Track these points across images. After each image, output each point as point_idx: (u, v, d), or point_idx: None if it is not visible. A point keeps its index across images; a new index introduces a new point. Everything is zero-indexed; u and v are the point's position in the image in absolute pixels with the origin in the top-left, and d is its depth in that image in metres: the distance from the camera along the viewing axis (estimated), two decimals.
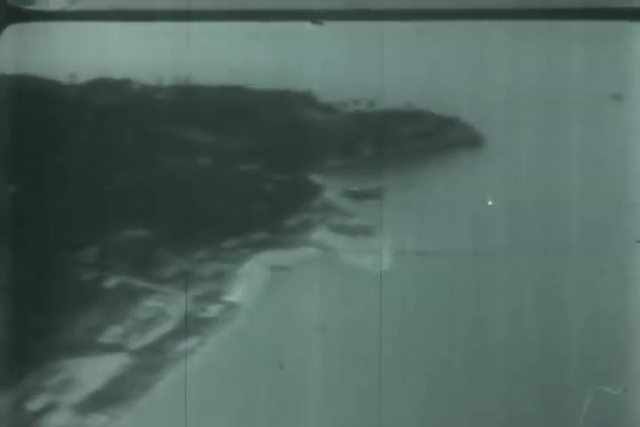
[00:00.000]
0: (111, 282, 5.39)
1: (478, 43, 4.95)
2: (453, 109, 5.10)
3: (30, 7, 4.67)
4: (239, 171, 5.32)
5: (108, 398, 5.36)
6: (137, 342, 5.38)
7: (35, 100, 5.09)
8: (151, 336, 5.34)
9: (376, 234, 5.29)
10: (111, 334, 5.37)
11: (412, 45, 5.04)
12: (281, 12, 5.13)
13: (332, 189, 5.33)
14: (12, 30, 4.88)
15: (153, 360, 5.35)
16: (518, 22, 4.98)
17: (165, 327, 5.37)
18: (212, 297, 5.39)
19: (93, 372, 5.33)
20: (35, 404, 5.31)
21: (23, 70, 5.02)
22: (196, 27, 5.12)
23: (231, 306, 5.40)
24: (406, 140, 5.18)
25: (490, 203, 4.26)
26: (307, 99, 5.26)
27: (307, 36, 5.07)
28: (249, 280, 5.35)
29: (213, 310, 5.42)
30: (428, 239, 5.18)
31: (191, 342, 5.32)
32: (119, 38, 5.07)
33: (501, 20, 4.84)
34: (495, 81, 5.05)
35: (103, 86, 5.18)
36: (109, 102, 5.12)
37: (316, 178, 5.33)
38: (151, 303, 5.45)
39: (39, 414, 5.19)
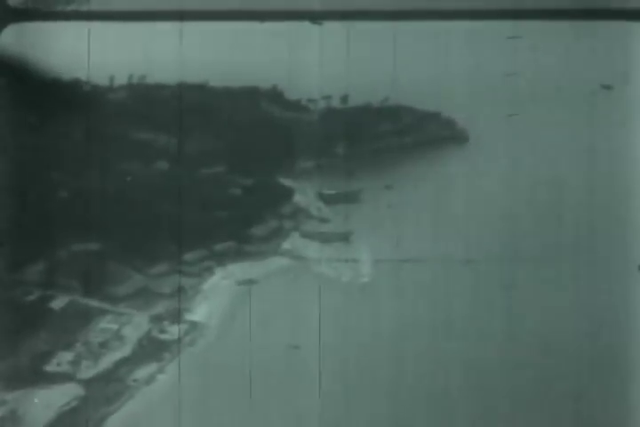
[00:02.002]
0: (58, 302, 4.89)
1: (464, 38, 4.63)
2: (434, 104, 4.71)
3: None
4: (200, 175, 4.83)
5: None
6: (89, 371, 4.86)
7: None
8: (104, 363, 4.82)
9: (354, 241, 4.92)
10: (59, 362, 4.84)
11: (389, 39, 4.68)
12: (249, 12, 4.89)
13: (303, 193, 5.03)
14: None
15: (107, 390, 4.81)
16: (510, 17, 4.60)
17: (120, 352, 4.82)
18: (173, 316, 4.76)
19: (40, 405, 4.78)
20: None
21: None
22: (153, 26, 4.71)
23: (194, 326, 4.82)
24: (384, 137, 4.84)
25: None
26: (272, 96, 4.88)
27: (272, 31, 4.68)
28: (214, 296, 4.85)
29: (174, 331, 4.75)
30: (411, 246, 4.77)
31: (150, 368, 4.81)
32: (72, 37, 4.67)
33: (499, 21, 4.51)
34: (480, 73, 4.71)
35: (52, 86, 4.68)
36: (56, 103, 4.63)
37: (285, 181, 5.05)
38: (104, 325, 4.78)
39: None
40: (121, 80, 4.93)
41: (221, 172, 5.01)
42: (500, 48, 4.86)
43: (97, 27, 4.77)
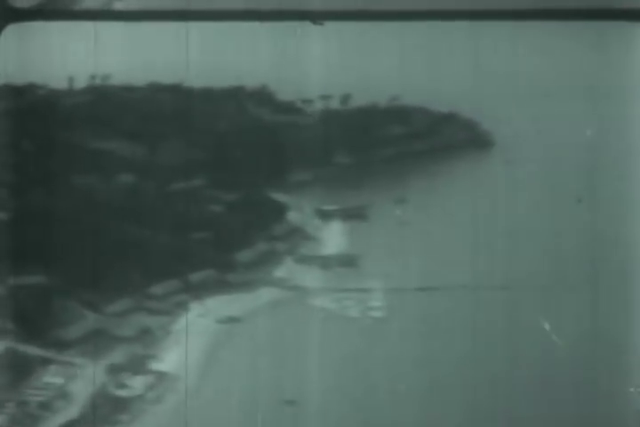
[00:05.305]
0: None
1: (466, 35, 4.26)
2: (450, 103, 4.16)
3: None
4: (173, 190, 4.55)
5: None
6: None
7: None
8: None
9: (361, 266, 4.48)
10: None
11: (396, 37, 4.26)
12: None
13: (299, 210, 4.56)
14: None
15: None
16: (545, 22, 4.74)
17: (66, 415, 4.36)
18: (136, 366, 4.36)
19: None
20: None
21: None
22: (154, 26, 4.27)
23: (162, 378, 4.36)
24: (392, 143, 4.59)
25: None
26: (260, 97, 4.63)
27: (273, 31, 4.28)
28: (188, 339, 4.45)
29: (137, 384, 4.35)
30: (430, 271, 4.10)
31: None
32: (73, 37, 4.26)
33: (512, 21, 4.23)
34: (502, 72, 4.26)
35: (5, 90, 4.55)
36: (6, 108, 4.43)
37: (277, 195, 4.57)
38: (46, 379, 4.40)
39: None
40: (81, 82, 4.36)
41: (199, 185, 4.60)
42: (510, 46, 4.45)
43: (100, 27, 4.31)
